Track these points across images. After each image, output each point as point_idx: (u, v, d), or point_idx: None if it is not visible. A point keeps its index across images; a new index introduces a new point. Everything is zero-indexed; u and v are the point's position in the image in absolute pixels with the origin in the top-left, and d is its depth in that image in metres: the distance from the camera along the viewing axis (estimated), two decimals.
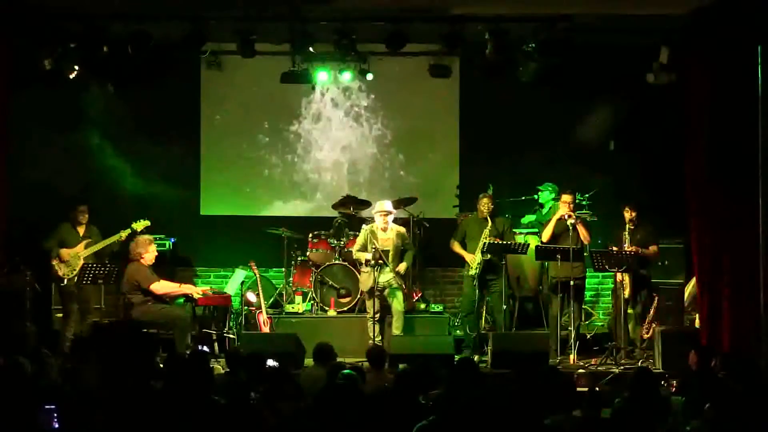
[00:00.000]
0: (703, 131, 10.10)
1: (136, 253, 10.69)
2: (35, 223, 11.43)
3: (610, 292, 12.14)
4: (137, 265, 10.65)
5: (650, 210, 11.33)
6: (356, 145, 12.92)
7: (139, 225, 11.07)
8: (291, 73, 11.55)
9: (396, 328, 10.87)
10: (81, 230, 11.14)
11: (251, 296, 11.57)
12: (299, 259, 12.01)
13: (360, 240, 11.00)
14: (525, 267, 11.89)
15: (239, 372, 7.74)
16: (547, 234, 11.05)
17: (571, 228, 10.83)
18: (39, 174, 11.96)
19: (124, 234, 11.03)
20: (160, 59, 11.26)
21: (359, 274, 11.15)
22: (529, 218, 12.27)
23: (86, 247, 11.01)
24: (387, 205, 11.03)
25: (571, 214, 10.84)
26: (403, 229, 11.10)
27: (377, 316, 10.78)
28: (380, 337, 10.74)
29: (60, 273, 10.92)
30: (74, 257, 10.93)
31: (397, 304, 10.88)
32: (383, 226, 10.89)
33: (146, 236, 10.87)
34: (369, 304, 10.92)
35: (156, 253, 10.89)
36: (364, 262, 10.85)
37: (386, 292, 10.85)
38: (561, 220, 10.90)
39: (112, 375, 6.98)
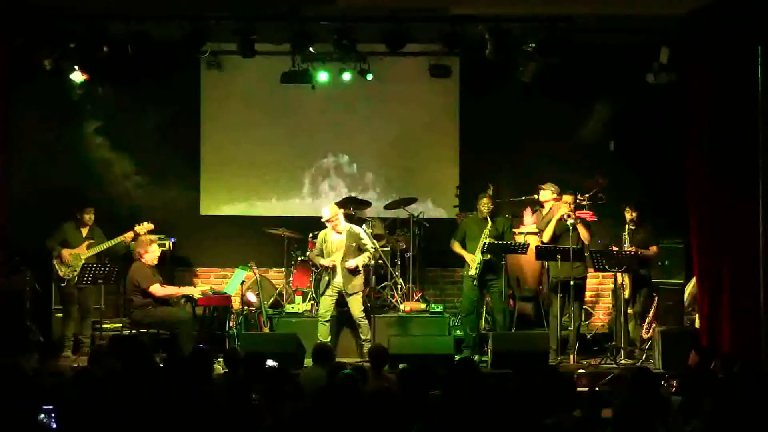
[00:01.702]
0: (703, 131, 10.10)
1: (136, 253, 10.71)
2: (35, 223, 11.41)
3: (610, 292, 12.15)
4: (138, 265, 10.66)
5: (650, 210, 11.34)
6: (356, 145, 12.92)
7: (142, 228, 11.02)
8: (291, 73, 11.55)
9: (362, 333, 10.79)
10: (84, 231, 11.13)
11: (251, 296, 11.57)
12: (299, 259, 12.00)
13: (317, 246, 11.00)
14: (525, 267, 11.88)
15: (239, 372, 7.74)
16: (547, 234, 11.05)
17: (571, 228, 10.84)
18: (39, 174, 11.98)
19: (128, 236, 11.00)
20: (160, 59, 11.25)
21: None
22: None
23: (88, 248, 11.01)
24: (324, 212, 10.94)
25: (571, 214, 10.85)
26: (357, 230, 10.97)
27: (328, 315, 10.78)
28: (329, 338, 10.70)
29: (61, 273, 10.91)
30: (75, 258, 10.92)
31: (355, 309, 10.79)
32: (331, 230, 10.87)
33: (148, 236, 10.87)
34: (323, 304, 10.86)
35: (158, 253, 10.89)
36: (320, 265, 10.91)
37: (345, 297, 10.80)
38: (561, 220, 10.90)
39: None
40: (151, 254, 10.74)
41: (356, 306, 10.78)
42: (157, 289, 10.61)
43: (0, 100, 10.50)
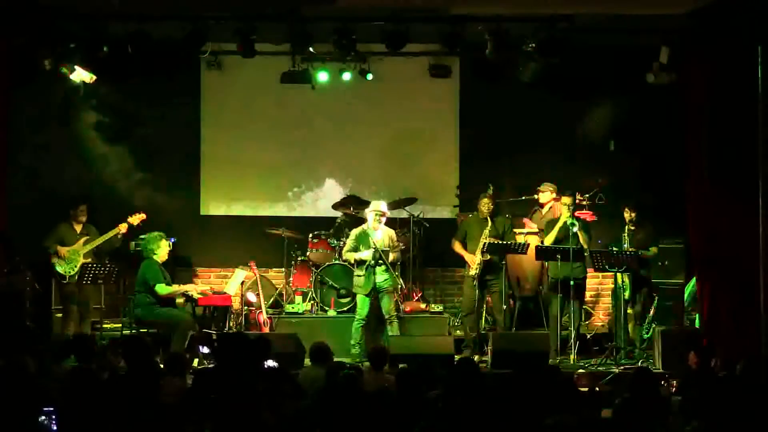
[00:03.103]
0: (703, 131, 10.10)
1: (148, 250, 10.67)
2: (35, 223, 11.41)
3: (610, 292, 12.14)
4: (149, 262, 10.63)
5: (650, 210, 11.34)
6: (356, 145, 12.92)
7: (135, 219, 11.09)
8: (291, 73, 11.55)
9: (392, 330, 10.80)
10: (78, 228, 11.14)
11: (251, 296, 11.57)
12: (299, 259, 12.01)
13: (350, 242, 10.98)
14: (525, 267, 11.87)
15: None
16: (550, 239, 11.00)
17: (572, 229, 10.82)
18: (38, 174, 11.98)
19: (122, 228, 11.02)
20: (160, 59, 11.25)
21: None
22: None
23: (85, 244, 11.02)
24: (383, 206, 11.02)
25: (576, 222, 10.79)
26: (392, 232, 11.07)
27: (365, 315, 10.77)
28: (362, 341, 10.69)
29: (61, 270, 10.92)
30: (73, 254, 10.93)
31: (389, 304, 10.83)
32: (375, 226, 10.86)
33: (156, 232, 10.85)
34: (360, 304, 10.89)
35: (168, 248, 10.87)
36: (354, 261, 10.85)
37: (380, 294, 10.82)
38: (565, 225, 10.88)
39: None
40: (163, 250, 10.73)
41: (390, 303, 10.82)
42: (162, 289, 10.59)
43: (0, 100, 10.50)
